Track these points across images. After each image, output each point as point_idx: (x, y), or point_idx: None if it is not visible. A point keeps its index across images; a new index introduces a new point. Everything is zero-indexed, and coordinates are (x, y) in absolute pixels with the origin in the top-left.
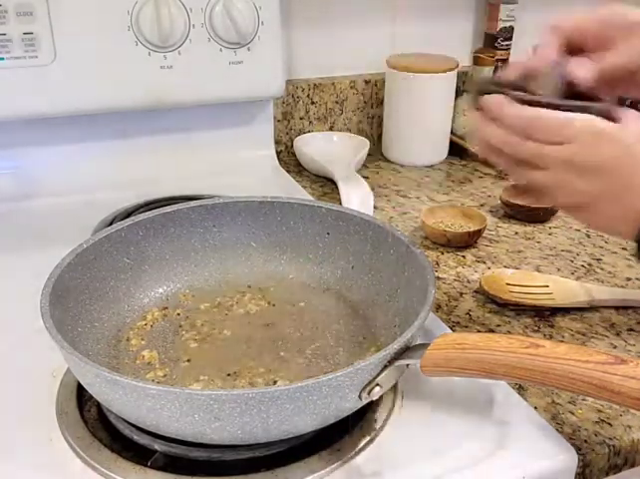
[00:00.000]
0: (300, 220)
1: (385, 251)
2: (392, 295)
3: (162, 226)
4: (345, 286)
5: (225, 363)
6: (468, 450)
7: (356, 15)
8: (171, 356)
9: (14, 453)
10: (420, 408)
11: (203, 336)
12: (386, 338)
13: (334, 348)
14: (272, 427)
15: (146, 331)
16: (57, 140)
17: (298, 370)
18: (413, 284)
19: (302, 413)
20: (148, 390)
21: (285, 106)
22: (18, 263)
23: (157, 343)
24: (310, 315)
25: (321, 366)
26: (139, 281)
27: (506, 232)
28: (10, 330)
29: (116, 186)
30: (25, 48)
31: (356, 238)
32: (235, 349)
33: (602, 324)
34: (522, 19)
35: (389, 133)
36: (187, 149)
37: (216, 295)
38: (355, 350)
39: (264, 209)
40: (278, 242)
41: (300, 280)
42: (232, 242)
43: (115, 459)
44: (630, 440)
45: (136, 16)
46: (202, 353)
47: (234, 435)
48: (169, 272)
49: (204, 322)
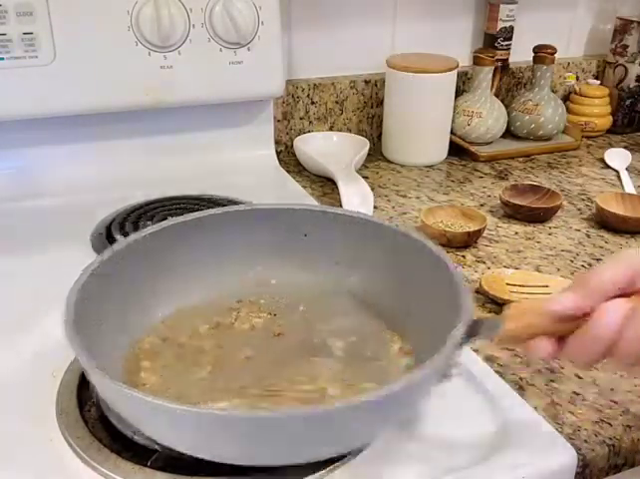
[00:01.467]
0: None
1: (372, 239)
2: (393, 282)
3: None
4: (339, 281)
5: (260, 381)
6: (468, 450)
7: (356, 15)
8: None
9: (14, 453)
10: (419, 408)
11: (219, 360)
12: (403, 322)
13: (359, 343)
14: (355, 435)
15: (156, 369)
16: (57, 140)
17: (338, 370)
18: (415, 267)
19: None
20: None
21: (285, 106)
22: (18, 264)
23: (179, 386)
24: (315, 317)
25: (361, 363)
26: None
27: (506, 232)
28: (10, 330)
29: (115, 186)
30: (25, 48)
31: (339, 233)
32: (262, 365)
33: None
34: (522, 19)
35: (389, 133)
36: (187, 149)
37: (212, 315)
38: (380, 337)
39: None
40: (247, 251)
41: (287, 284)
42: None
43: (115, 459)
44: (630, 440)
45: (136, 16)
46: (230, 377)
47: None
48: (150, 299)
49: (213, 346)
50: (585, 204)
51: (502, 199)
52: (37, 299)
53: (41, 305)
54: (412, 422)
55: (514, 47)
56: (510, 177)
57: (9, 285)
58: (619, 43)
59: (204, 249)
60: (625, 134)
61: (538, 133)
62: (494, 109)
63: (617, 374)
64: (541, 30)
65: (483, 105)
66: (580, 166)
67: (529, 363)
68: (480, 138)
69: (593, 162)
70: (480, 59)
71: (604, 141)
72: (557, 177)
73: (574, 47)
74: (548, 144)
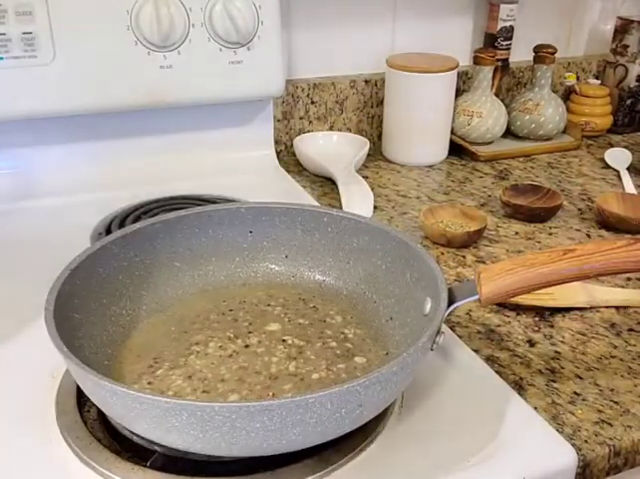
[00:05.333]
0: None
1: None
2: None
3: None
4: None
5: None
6: (467, 450)
7: (356, 15)
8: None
9: (14, 453)
10: (419, 408)
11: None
12: (385, 303)
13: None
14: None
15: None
16: (57, 140)
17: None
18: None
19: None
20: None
21: (285, 106)
22: (18, 264)
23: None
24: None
25: (390, 332)
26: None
27: (506, 232)
28: (10, 331)
29: (115, 186)
30: (24, 48)
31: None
32: (249, 358)
33: (602, 324)
34: (522, 19)
35: (389, 133)
36: (187, 149)
37: (225, 329)
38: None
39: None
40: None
41: (271, 281)
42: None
43: (114, 459)
44: (630, 440)
45: (135, 16)
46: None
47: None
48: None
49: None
50: (585, 204)
51: (503, 199)
52: (36, 299)
53: (40, 306)
54: (411, 422)
55: (514, 47)
56: (510, 177)
57: (9, 285)
58: (619, 43)
59: (186, 246)
60: (625, 134)
61: (539, 133)
62: (495, 109)
63: (617, 374)
64: (541, 30)
65: (484, 105)
66: (580, 166)
67: (529, 363)
68: (480, 138)
69: (593, 162)
70: (480, 59)
71: (604, 141)
72: (557, 177)
73: (574, 47)
74: (548, 144)
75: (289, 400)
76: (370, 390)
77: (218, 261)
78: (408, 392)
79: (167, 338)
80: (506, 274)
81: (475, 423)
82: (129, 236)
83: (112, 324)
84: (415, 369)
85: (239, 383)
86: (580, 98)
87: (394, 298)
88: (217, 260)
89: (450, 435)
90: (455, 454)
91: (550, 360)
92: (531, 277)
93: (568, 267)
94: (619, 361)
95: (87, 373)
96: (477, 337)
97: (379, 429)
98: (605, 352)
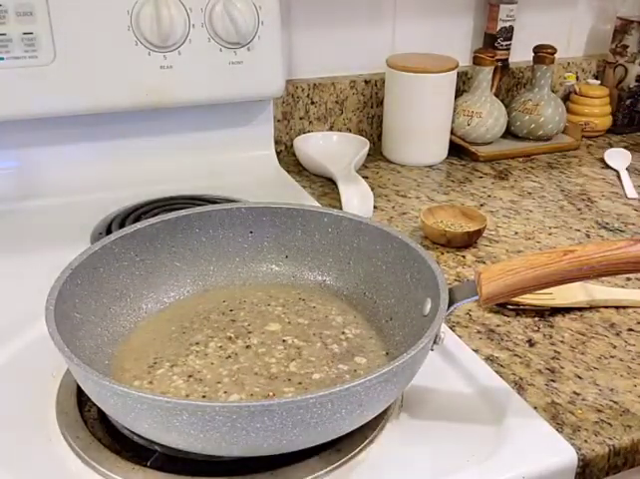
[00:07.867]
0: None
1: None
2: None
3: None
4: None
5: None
6: (468, 450)
7: (356, 15)
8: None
9: (14, 453)
10: (419, 408)
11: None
12: (385, 303)
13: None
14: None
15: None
16: (57, 140)
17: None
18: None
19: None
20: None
21: (285, 106)
22: (18, 264)
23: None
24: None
25: (390, 333)
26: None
27: (506, 232)
28: (10, 331)
29: (116, 186)
30: (25, 48)
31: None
32: (251, 358)
33: (602, 324)
34: (522, 19)
35: (389, 133)
36: (187, 149)
37: (225, 329)
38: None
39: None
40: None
41: (271, 281)
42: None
43: (114, 459)
44: (630, 440)
45: (136, 16)
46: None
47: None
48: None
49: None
50: (585, 204)
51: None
52: (37, 299)
53: (41, 306)
54: (411, 422)
55: (514, 47)
56: (510, 177)
57: (9, 285)
58: (619, 43)
59: (187, 246)
60: (625, 134)
61: (538, 133)
62: (494, 109)
63: (617, 374)
64: (541, 30)
65: (484, 105)
66: (580, 166)
67: (529, 363)
68: (479, 138)
69: (593, 162)
70: (480, 59)
71: (604, 141)
72: (557, 177)
73: (574, 47)
74: (548, 144)
75: (290, 400)
76: (370, 390)
77: (219, 261)
78: (408, 392)
79: (168, 338)
80: (507, 275)
81: (474, 423)
82: (129, 235)
83: (112, 324)
84: (415, 370)
85: (239, 383)
86: (580, 98)
87: (394, 299)
88: (218, 260)
89: (450, 435)
90: (455, 454)
91: (550, 360)
92: (532, 278)
93: (568, 268)
94: (619, 361)
95: (87, 373)
96: (476, 337)
97: (379, 429)
98: (605, 352)
